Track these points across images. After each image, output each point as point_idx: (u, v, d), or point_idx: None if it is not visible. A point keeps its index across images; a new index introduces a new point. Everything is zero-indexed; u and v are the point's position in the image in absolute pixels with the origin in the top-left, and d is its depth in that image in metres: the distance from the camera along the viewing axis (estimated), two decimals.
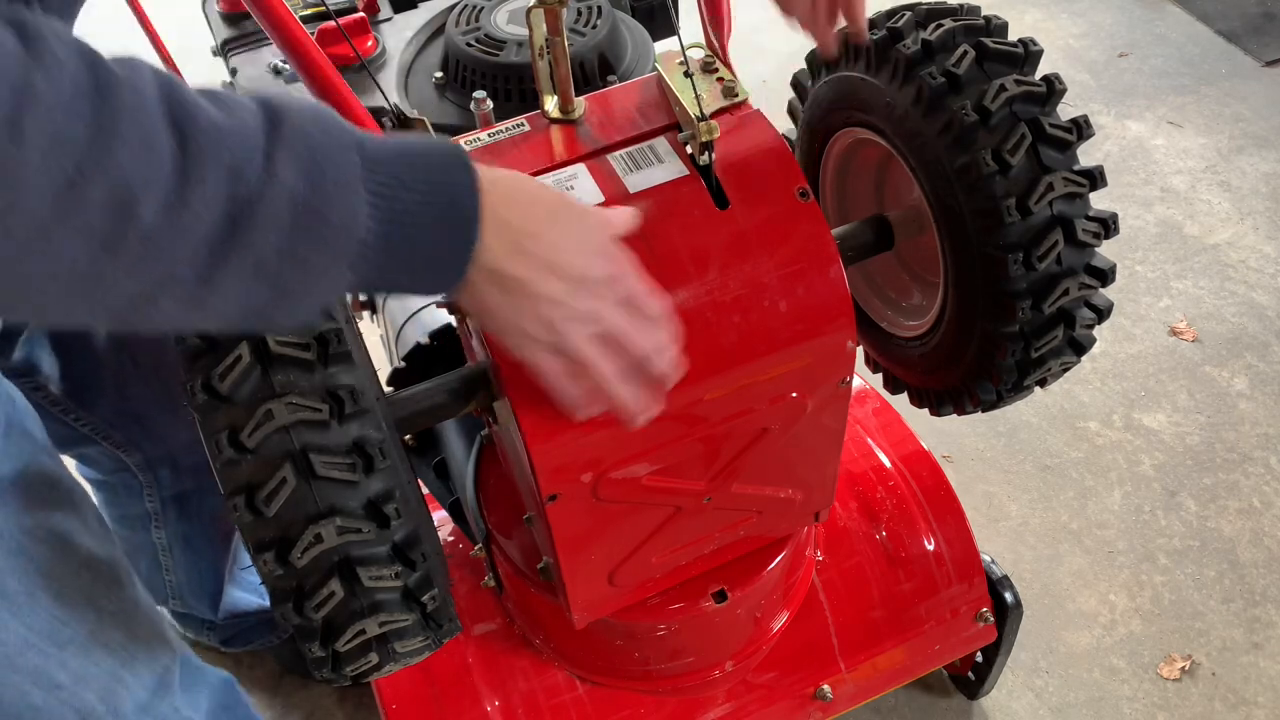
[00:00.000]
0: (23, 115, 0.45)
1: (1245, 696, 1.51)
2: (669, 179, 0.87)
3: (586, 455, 0.86)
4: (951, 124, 0.87)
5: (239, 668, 1.65)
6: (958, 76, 0.87)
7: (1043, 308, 0.89)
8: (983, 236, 0.88)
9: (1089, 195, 0.90)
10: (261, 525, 0.72)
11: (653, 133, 0.92)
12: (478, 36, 1.08)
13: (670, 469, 0.92)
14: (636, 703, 1.21)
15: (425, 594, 0.78)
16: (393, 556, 0.75)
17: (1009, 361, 0.94)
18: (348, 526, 0.72)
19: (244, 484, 0.71)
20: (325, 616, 0.74)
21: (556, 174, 0.88)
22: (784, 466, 1.01)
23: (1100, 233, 0.91)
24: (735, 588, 1.10)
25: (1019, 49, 0.88)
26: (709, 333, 0.84)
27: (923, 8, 0.95)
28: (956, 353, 0.99)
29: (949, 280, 0.95)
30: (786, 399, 0.92)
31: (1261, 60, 2.59)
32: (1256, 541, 1.69)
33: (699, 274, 0.84)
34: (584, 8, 1.11)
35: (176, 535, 1.43)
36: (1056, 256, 0.88)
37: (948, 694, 1.53)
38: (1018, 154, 0.85)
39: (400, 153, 0.60)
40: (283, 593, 0.74)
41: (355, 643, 0.77)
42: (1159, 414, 1.88)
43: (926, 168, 0.91)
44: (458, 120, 1.07)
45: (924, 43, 0.89)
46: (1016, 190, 0.86)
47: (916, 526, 1.31)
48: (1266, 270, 2.11)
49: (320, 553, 0.72)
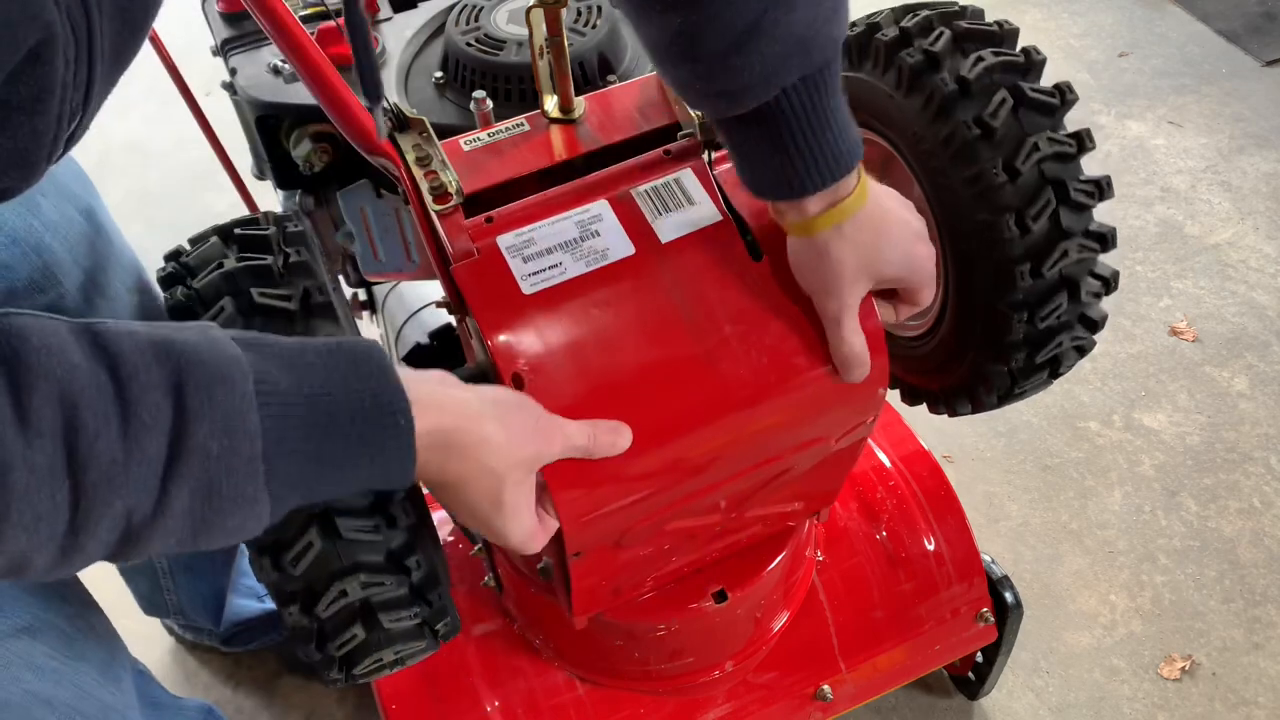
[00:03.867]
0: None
1: (1245, 697, 1.51)
2: (701, 225, 0.85)
3: (617, 520, 0.85)
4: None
5: (239, 668, 1.65)
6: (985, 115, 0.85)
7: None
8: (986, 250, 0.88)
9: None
10: (287, 580, 0.73)
11: (653, 133, 0.92)
12: (477, 36, 1.08)
13: (692, 514, 0.92)
14: (636, 703, 1.21)
15: (439, 622, 0.80)
16: (412, 599, 0.77)
17: (993, 395, 0.94)
18: (371, 581, 0.74)
19: (270, 544, 0.72)
20: (345, 654, 0.76)
21: (579, 213, 0.86)
22: (799, 489, 1.01)
23: (1102, 291, 0.90)
24: (735, 588, 1.10)
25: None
26: (744, 390, 0.83)
27: (960, 26, 0.92)
28: (948, 362, 0.98)
29: (948, 299, 0.95)
30: (815, 444, 0.92)
31: (1262, 60, 2.59)
32: (1257, 541, 1.69)
33: (735, 331, 0.82)
34: (584, 8, 1.11)
35: (178, 560, 1.43)
36: (1059, 314, 0.88)
37: (948, 694, 1.53)
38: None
39: (323, 430, 0.59)
40: (305, 635, 0.75)
41: (371, 669, 0.78)
42: (1159, 414, 1.88)
43: (931, 176, 0.91)
44: (458, 120, 1.06)
45: (954, 74, 0.87)
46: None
47: (917, 526, 1.31)
48: (1267, 270, 2.11)
49: (344, 605, 0.74)
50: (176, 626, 1.65)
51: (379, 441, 0.61)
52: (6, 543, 0.50)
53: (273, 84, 1.13)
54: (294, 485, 0.59)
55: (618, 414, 0.77)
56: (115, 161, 2.61)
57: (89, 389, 0.52)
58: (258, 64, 1.15)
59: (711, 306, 0.83)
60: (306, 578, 0.72)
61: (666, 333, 0.82)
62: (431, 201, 0.85)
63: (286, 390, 0.58)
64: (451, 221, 0.85)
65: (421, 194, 0.86)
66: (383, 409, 0.61)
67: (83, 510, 0.52)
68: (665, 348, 0.81)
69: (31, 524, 0.51)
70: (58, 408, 0.51)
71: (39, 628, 0.92)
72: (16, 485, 0.50)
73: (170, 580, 1.45)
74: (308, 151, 1.11)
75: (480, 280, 0.82)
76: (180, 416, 0.54)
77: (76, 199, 1.00)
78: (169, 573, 1.43)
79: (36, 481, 0.50)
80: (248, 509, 0.58)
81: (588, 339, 0.81)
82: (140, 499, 0.54)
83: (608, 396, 0.79)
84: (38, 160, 0.52)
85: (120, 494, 0.53)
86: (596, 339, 0.81)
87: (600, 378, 0.80)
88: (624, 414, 0.78)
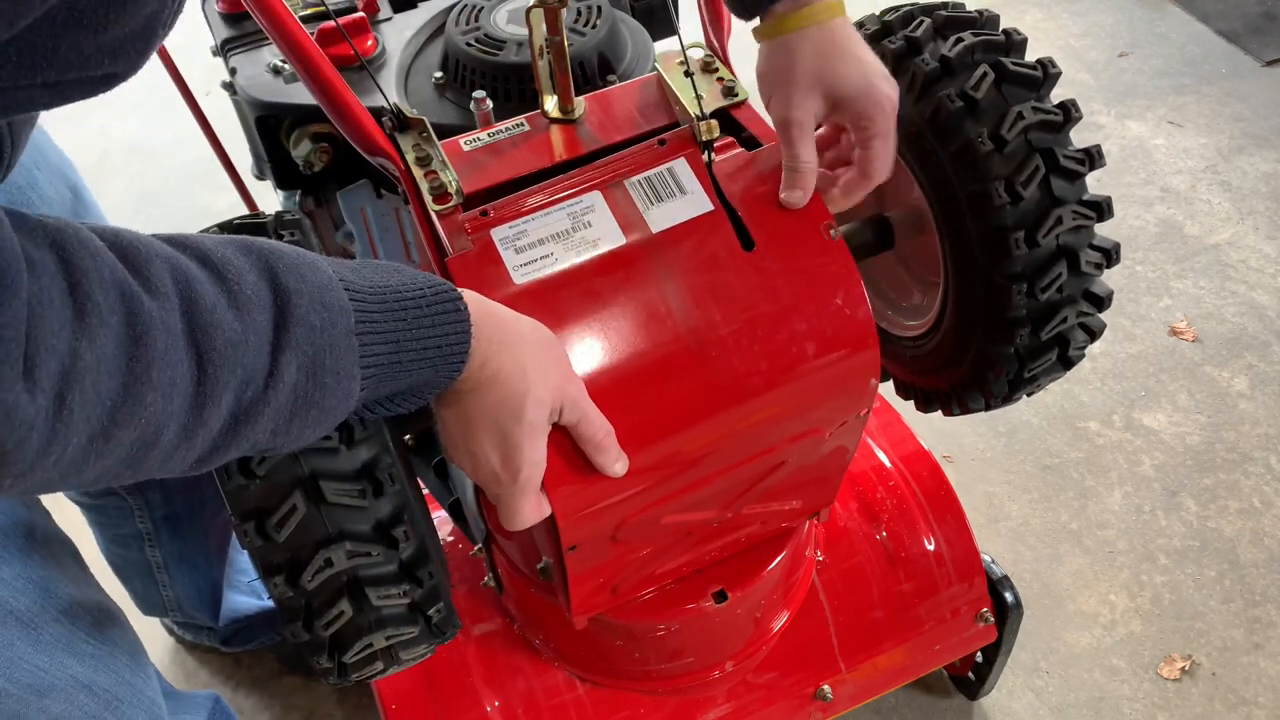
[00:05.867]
0: (69, 391, 0.48)
1: (1245, 696, 1.51)
2: (693, 215, 0.85)
3: (611, 515, 0.85)
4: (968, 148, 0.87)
5: (239, 668, 1.65)
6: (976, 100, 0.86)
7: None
8: (989, 263, 0.88)
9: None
10: (271, 549, 0.72)
11: (653, 133, 0.92)
12: (477, 36, 1.08)
13: (687, 508, 0.92)
14: (636, 703, 1.21)
15: (431, 607, 0.79)
16: (401, 575, 0.76)
17: (1002, 381, 0.94)
18: (357, 550, 0.73)
19: (254, 509, 0.71)
20: (334, 633, 0.75)
21: (570, 204, 0.86)
22: (794, 485, 1.01)
23: (1103, 262, 0.90)
24: (735, 588, 1.10)
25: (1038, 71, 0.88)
26: (736, 382, 0.83)
27: (940, 15, 0.93)
28: (954, 356, 0.98)
29: (949, 282, 0.95)
30: (807, 436, 0.92)
31: (1261, 60, 2.59)
32: (1257, 541, 1.69)
33: (726, 322, 0.82)
34: (584, 8, 1.11)
35: (171, 554, 1.43)
36: (1059, 285, 0.88)
37: (948, 694, 1.53)
38: (1030, 185, 0.85)
39: (397, 315, 0.63)
40: (292, 611, 0.74)
41: (362, 655, 0.77)
42: (1159, 414, 1.88)
43: (922, 159, 0.91)
44: (458, 120, 1.06)
45: (943, 59, 0.88)
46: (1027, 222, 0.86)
47: (916, 526, 1.31)
48: (1266, 270, 2.11)
49: (330, 575, 0.73)
50: (176, 625, 1.65)
51: (442, 323, 0.65)
52: (146, 408, 0.51)
53: (273, 84, 1.12)
54: (378, 368, 0.62)
55: (606, 404, 0.77)
56: (115, 161, 2.61)
57: (193, 268, 0.54)
58: (258, 64, 1.15)
59: (702, 296, 0.83)
60: (291, 545, 0.72)
61: (656, 322, 0.82)
62: (431, 201, 0.85)
63: (356, 282, 0.62)
64: (451, 221, 0.85)
65: (421, 194, 0.86)
66: (441, 296, 0.65)
67: (209, 378, 0.54)
68: (655, 337, 0.81)
69: (168, 388, 0.52)
70: (173, 280, 0.53)
71: (75, 612, 0.92)
72: (157, 344, 0.51)
73: (165, 574, 1.45)
74: (308, 151, 1.11)
75: (472, 271, 0.82)
76: (279, 295, 0.57)
77: (66, 177, 1.05)
78: (164, 566, 1.44)
79: (172, 342, 0.52)
80: (345, 387, 0.60)
81: (576, 329, 0.81)
82: (254, 370, 0.56)
83: (596, 386, 0.78)
84: (155, 37, 0.53)
85: (241, 362, 0.55)
86: (585, 329, 0.81)
87: (589, 367, 0.80)
88: (612, 404, 0.77)
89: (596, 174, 0.88)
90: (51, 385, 0.47)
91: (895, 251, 1.03)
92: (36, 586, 0.89)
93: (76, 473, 0.52)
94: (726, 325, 0.82)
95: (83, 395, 0.49)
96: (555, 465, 0.76)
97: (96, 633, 0.95)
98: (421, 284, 0.65)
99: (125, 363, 0.50)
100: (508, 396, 0.70)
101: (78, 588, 0.94)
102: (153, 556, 1.42)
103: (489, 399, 0.70)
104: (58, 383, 0.48)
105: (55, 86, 0.50)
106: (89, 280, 0.49)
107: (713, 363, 0.82)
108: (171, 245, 0.56)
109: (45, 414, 0.48)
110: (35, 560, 0.90)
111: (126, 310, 0.50)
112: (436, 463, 1.19)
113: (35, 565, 0.89)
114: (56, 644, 0.90)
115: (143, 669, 1.02)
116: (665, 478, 0.85)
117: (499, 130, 0.94)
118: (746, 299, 0.83)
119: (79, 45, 0.48)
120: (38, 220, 0.50)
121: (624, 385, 0.80)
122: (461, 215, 0.85)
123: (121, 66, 0.52)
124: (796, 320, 0.84)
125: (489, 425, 0.71)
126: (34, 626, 0.88)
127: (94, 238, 0.52)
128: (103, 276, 0.50)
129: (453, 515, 1.22)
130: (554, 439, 0.74)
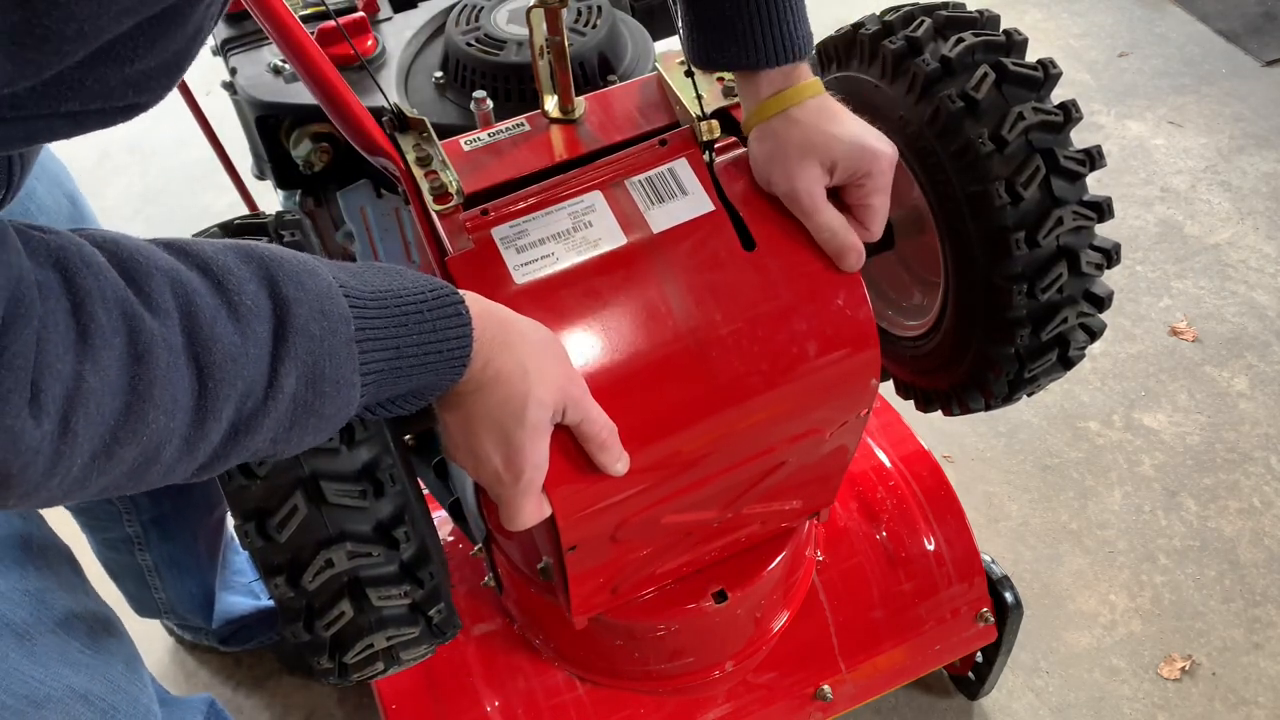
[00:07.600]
0: (73, 414, 0.48)
1: (1245, 696, 1.51)
2: (694, 215, 0.85)
3: (611, 515, 0.85)
4: (968, 148, 0.86)
5: (239, 668, 1.65)
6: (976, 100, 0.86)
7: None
8: (989, 262, 0.88)
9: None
10: (273, 550, 0.72)
11: (654, 133, 0.92)
12: (478, 36, 1.08)
13: (687, 508, 0.92)
14: (636, 703, 1.21)
15: (432, 608, 0.79)
16: (402, 576, 0.76)
17: (1002, 381, 0.94)
18: (358, 551, 0.73)
19: (255, 510, 0.71)
20: (335, 634, 0.75)
21: (571, 204, 0.86)
22: (794, 485, 1.01)
23: (1103, 263, 0.90)
24: (735, 588, 1.10)
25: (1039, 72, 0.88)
26: (736, 381, 0.83)
27: (941, 15, 0.94)
28: (954, 356, 0.98)
29: (949, 282, 0.95)
30: (808, 436, 0.92)
31: (1261, 60, 2.59)
32: (1257, 541, 1.69)
33: (727, 321, 0.82)
34: (584, 8, 1.11)
35: (161, 557, 1.43)
36: (1059, 286, 0.87)
37: (948, 694, 1.53)
38: (1030, 187, 0.85)
39: (397, 321, 0.63)
40: (293, 612, 0.74)
41: (363, 655, 0.77)
42: (1159, 414, 1.88)
43: (921, 158, 0.91)
44: (458, 120, 1.06)
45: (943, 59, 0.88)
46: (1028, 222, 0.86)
47: (916, 526, 1.31)
48: (1266, 270, 2.11)
49: (331, 576, 0.73)
50: (174, 626, 1.65)
51: (443, 327, 0.65)
52: (148, 425, 0.51)
53: (273, 84, 1.12)
54: (378, 374, 0.62)
55: (606, 403, 0.77)
56: (115, 161, 2.61)
57: (193, 280, 0.54)
58: (258, 64, 1.15)
59: (703, 295, 0.83)
60: (292, 545, 0.72)
61: (657, 322, 0.82)
62: (432, 201, 0.85)
63: (357, 287, 0.62)
64: (451, 221, 0.85)
65: (422, 194, 0.86)
66: (442, 299, 0.65)
67: (209, 392, 0.54)
68: (655, 337, 0.81)
69: (170, 405, 0.52)
70: (173, 295, 0.53)
71: (70, 622, 0.92)
72: (159, 363, 0.51)
73: (157, 578, 1.45)
74: (308, 151, 1.11)
75: (472, 270, 0.82)
76: (279, 304, 0.57)
77: (62, 185, 1.06)
78: (155, 570, 1.44)
79: (173, 360, 0.52)
80: (345, 394, 0.61)
81: (576, 328, 0.80)
82: (254, 382, 0.56)
83: (595, 385, 0.78)
84: (180, 70, 0.53)
85: (241, 374, 0.55)
86: (586, 329, 0.81)
87: (589, 367, 0.80)
88: (612, 404, 0.77)
89: (597, 174, 0.88)
90: (56, 410, 0.48)
91: (895, 251, 1.03)
92: (32, 598, 0.89)
93: (80, 489, 0.52)
94: (727, 325, 0.82)
95: (86, 417, 0.49)
96: (555, 465, 0.76)
97: (92, 642, 0.95)
98: (423, 287, 0.65)
99: (128, 382, 0.50)
100: (510, 397, 0.70)
101: (74, 597, 0.94)
102: (143, 560, 1.42)
103: (491, 400, 0.70)
104: (62, 406, 0.48)
105: (77, 116, 0.50)
106: (92, 301, 0.49)
107: (713, 362, 0.82)
108: (171, 253, 0.55)
109: (50, 438, 0.48)
110: (30, 572, 0.90)
111: (129, 329, 0.50)
112: (437, 463, 1.19)
113: (31, 577, 0.89)
114: (52, 655, 0.90)
115: (138, 677, 1.02)
116: (665, 478, 0.85)
117: (499, 130, 0.94)
118: (747, 299, 0.83)
119: (105, 78, 0.48)
120: (40, 238, 0.50)
121: (624, 385, 0.80)
122: (462, 215, 0.85)
123: (145, 98, 0.52)
124: (797, 320, 0.84)
125: (491, 426, 0.71)
126: (29, 639, 0.87)
127: (96, 254, 0.51)
128: (105, 296, 0.50)
129: (453, 515, 1.22)
130: (554, 439, 0.74)
